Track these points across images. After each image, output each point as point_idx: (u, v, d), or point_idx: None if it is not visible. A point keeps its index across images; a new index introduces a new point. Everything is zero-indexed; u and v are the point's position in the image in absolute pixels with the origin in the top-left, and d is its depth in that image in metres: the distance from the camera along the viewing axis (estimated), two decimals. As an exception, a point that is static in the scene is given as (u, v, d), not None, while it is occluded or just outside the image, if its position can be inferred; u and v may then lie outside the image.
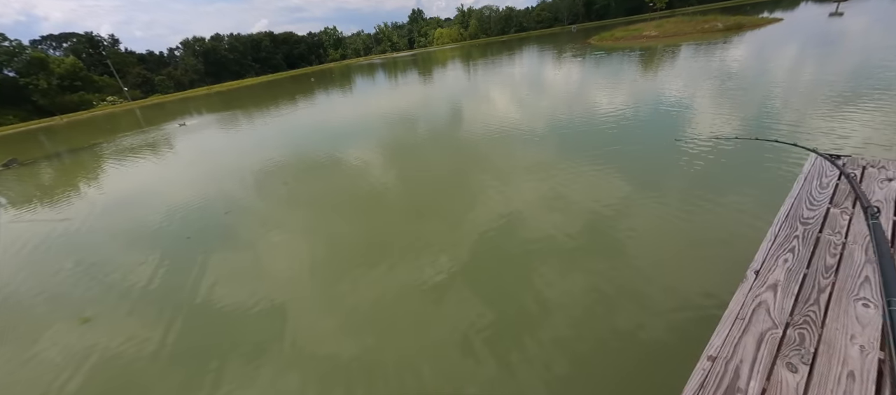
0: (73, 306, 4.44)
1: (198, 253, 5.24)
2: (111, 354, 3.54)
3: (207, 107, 32.10)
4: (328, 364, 3.03)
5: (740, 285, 1.84)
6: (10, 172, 14.88)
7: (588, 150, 6.76)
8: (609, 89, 12.04)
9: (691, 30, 26.59)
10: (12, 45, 52.14)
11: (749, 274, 1.90)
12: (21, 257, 6.17)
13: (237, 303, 3.98)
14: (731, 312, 1.69)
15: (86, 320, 4.12)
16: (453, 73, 27.32)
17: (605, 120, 8.53)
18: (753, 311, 1.67)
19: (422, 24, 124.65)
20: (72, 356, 3.59)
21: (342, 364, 3.01)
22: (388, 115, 13.97)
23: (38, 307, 4.56)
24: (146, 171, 11.44)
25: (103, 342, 3.72)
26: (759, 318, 1.63)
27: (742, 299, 1.74)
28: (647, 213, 4.43)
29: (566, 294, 3.33)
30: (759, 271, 1.91)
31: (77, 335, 3.88)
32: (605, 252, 3.84)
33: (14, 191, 11.59)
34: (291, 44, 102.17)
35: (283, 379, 2.95)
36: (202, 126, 19.82)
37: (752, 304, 1.71)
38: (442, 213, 5.35)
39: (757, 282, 1.84)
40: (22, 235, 7.23)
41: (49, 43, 70.16)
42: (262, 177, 8.50)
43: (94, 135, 23.91)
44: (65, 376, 3.34)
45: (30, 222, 8.11)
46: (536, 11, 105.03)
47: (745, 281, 1.86)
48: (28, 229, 7.61)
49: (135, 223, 6.85)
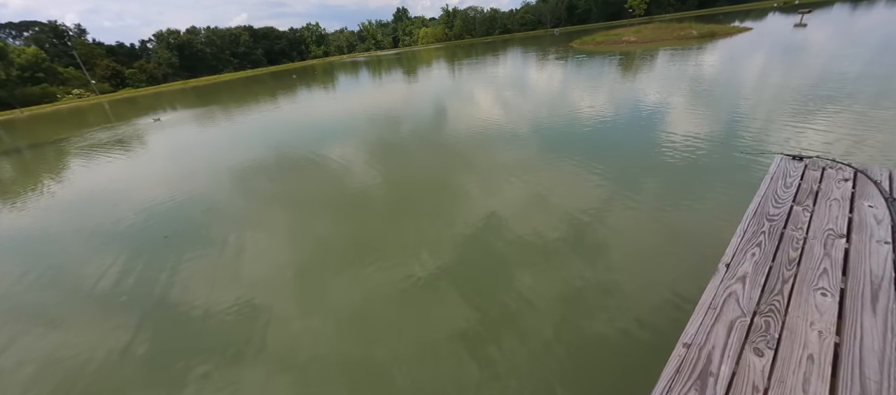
0: (37, 312, 4.22)
1: (174, 253, 5.08)
2: (81, 360, 3.39)
3: (183, 102, 30.92)
4: (307, 367, 3.00)
5: (712, 278, 1.95)
6: (-35, 168, 13.91)
7: (569, 151, 6.93)
8: (590, 92, 12.35)
9: (668, 36, 27.57)
10: (-34, 32, 48.73)
11: (720, 267, 2.02)
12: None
13: (214, 304, 3.88)
14: (704, 302, 1.79)
15: (52, 325, 3.93)
16: (438, 72, 27.34)
17: (586, 122, 8.75)
18: (724, 301, 1.78)
19: (406, 23, 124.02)
20: (37, 362, 3.41)
21: (322, 367, 2.99)
22: (372, 114, 13.86)
23: (1, 311, 4.31)
24: (118, 168, 10.94)
25: (72, 348, 3.56)
26: (729, 307, 1.74)
27: (714, 290, 1.85)
28: (625, 212, 4.59)
29: (547, 293, 3.42)
30: (729, 265, 2.03)
31: (43, 342, 3.70)
32: (585, 250, 3.96)
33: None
34: (272, 39, 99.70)
35: (260, 383, 2.90)
36: (178, 122, 19.10)
37: (723, 295, 1.82)
38: (425, 213, 5.37)
39: (727, 274, 1.95)
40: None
41: (8, 31, 66.00)
42: (241, 175, 8.29)
43: (58, 129, 22.65)
44: (31, 382, 3.17)
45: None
46: (520, 14, 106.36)
47: (717, 274, 1.97)
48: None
49: (105, 222, 6.55)
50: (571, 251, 3.97)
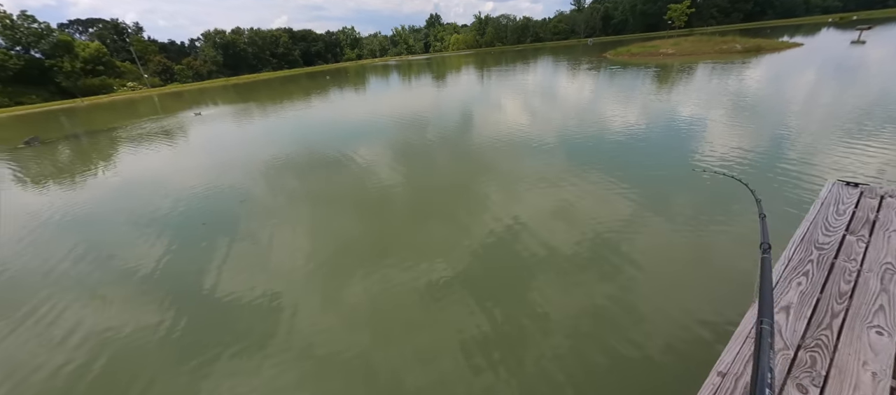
0: (86, 286, 4.55)
1: (209, 240, 5.33)
2: (121, 334, 3.61)
3: (223, 98, 32.66)
4: (325, 359, 3.06)
5: (751, 306, 1.83)
6: (31, 150, 15.29)
7: (597, 164, 6.74)
8: (622, 105, 12.01)
9: (709, 49, 26.43)
10: (41, 27, 53.79)
11: (761, 294, 1.89)
12: (36, 234, 6.34)
13: (241, 292, 4.04)
14: (742, 331, 1.68)
15: (99, 299, 4.21)
16: (466, 78, 27.47)
17: (617, 135, 8.51)
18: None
19: (438, 29, 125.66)
20: (83, 333, 3.67)
21: (339, 360, 3.03)
22: (399, 116, 14.09)
23: (53, 284, 4.67)
24: (162, 157, 11.67)
25: (114, 321, 3.80)
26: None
27: (753, 319, 1.74)
28: (653, 230, 4.40)
29: (568, 308, 3.32)
30: (771, 292, 1.90)
31: (91, 314, 3.97)
32: (609, 267, 3.82)
33: (31, 168, 11.91)
34: (309, 41, 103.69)
35: (280, 371, 2.98)
36: (218, 116, 20.18)
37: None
38: (446, 217, 5.38)
39: (769, 303, 1.82)
40: (37, 211, 7.42)
41: (76, 27, 72.23)
42: (273, 170, 8.63)
43: (112, 119, 24.47)
44: (74, 351, 3.42)
45: (45, 198, 8.32)
46: (553, 23, 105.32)
47: (756, 302, 1.85)
48: (44, 204, 7.81)
49: (148, 207, 6.99)
50: (594, 267, 3.84)
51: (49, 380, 3.11)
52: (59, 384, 3.07)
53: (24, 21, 52.30)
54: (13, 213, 7.52)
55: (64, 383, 3.08)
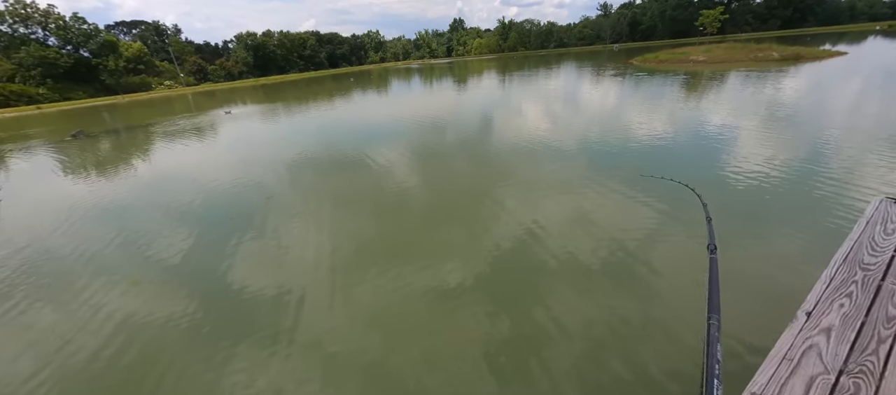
0: (121, 271, 4.79)
1: (234, 233, 5.52)
2: (150, 320, 3.78)
3: (252, 98, 33.90)
4: (336, 356, 3.09)
5: (789, 326, 1.72)
6: (77, 143, 16.31)
7: (619, 171, 6.56)
8: (647, 112, 11.67)
9: (743, 57, 25.36)
10: (89, 28, 57.55)
11: (800, 315, 1.78)
12: (79, 222, 6.74)
13: (261, 286, 4.14)
14: (779, 351, 1.58)
15: (132, 285, 4.43)
16: (488, 82, 27.42)
17: (640, 143, 8.26)
18: (803, 353, 1.56)
19: (461, 33, 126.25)
20: (116, 317, 3.86)
21: (349, 358, 3.05)
22: (419, 119, 14.19)
23: (92, 270, 4.95)
24: (193, 152, 12.21)
25: (144, 308, 3.98)
26: (809, 361, 1.52)
27: (791, 339, 1.63)
28: (678, 243, 4.23)
29: (581, 319, 3.22)
30: (811, 313, 1.78)
31: (124, 299, 4.18)
32: (629, 279, 3.69)
33: (76, 160, 12.70)
34: (335, 44, 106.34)
35: (293, 364, 3.03)
36: (246, 115, 20.94)
37: (801, 346, 1.59)
38: (463, 221, 5.35)
39: (808, 324, 1.71)
40: (80, 200, 7.90)
41: (121, 28, 76.88)
42: (296, 168, 8.85)
43: (150, 115, 25.82)
44: (107, 334, 3.60)
45: (88, 188, 8.85)
46: (578, 28, 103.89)
47: (795, 322, 1.74)
48: (86, 194, 8.30)
49: (181, 200, 7.30)
50: (613, 279, 3.73)
51: (86, 361, 3.28)
52: (93, 364, 3.24)
53: (75, 22, 56.08)
54: (60, 202, 8.03)
55: (98, 364, 3.24)
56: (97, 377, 3.10)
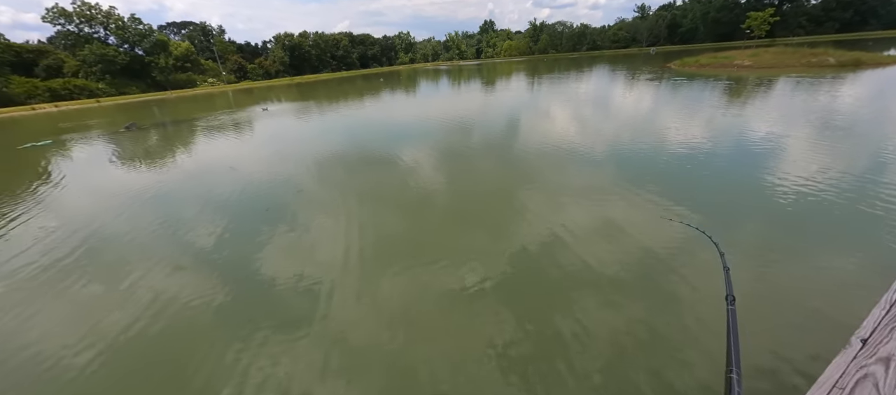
0: (162, 255, 5.12)
1: (267, 224, 5.76)
2: (187, 299, 4.01)
3: (287, 96, 35.31)
4: (356, 348, 3.14)
5: (842, 352, 1.58)
6: (130, 134, 17.62)
7: (650, 180, 6.29)
8: (684, 118, 11.12)
9: (795, 62, 23.66)
10: (144, 28, 62.04)
11: (854, 341, 1.63)
12: (129, 207, 7.26)
13: (289, 276, 4.29)
14: (828, 380, 1.46)
15: (172, 267, 4.72)
16: (516, 85, 27.13)
17: (675, 151, 7.88)
18: (857, 383, 1.42)
19: (491, 35, 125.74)
20: (156, 295, 4.13)
21: (372, 352, 3.10)
22: (445, 120, 14.24)
23: (137, 250, 5.32)
24: (232, 146, 12.86)
25: (182, 289, 4.23)
26: (863, 391, 1.39)
27: (843, 366, 1.50)
28: (713, 258, 3.97)
29: (605, 331, 3.10)
30: (866, 341, 1.63)
31: (164, 280, 4.46)
32: (659, 293, 3.53)
33: (129, 150, 13.71)
34: (367, 45, 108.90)
35: (315, 353, 3.11)
36: (281, 112, 21.84)
37: (855, 374, 1.46)
38: (486, 222, 5.31)
39: (863, 352, 1.57)
40: (131, 187, 8.51)
41: (171, 28, 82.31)
42: (326, 164, 9.12)
43: (194, 110, 27.47)
44: (147, 309, 3.85)
45: (138, 176, 9.53)
46: (613, 30, 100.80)
47: (848, 349, 1.60)
48: (135, 181, 8.94)
49: (220, 190, 7.71)
50: (641, 291, 3.57)
51: (126, 330, 3.54)
52: (132, 335, 3.48)
53: (132, 22, 60.62)
54: (113, 187, 8.70)
55: (137, 335, 3.48)
56: (139, 347, 3.33)
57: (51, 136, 18.87)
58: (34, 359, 3.31)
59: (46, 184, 9.46)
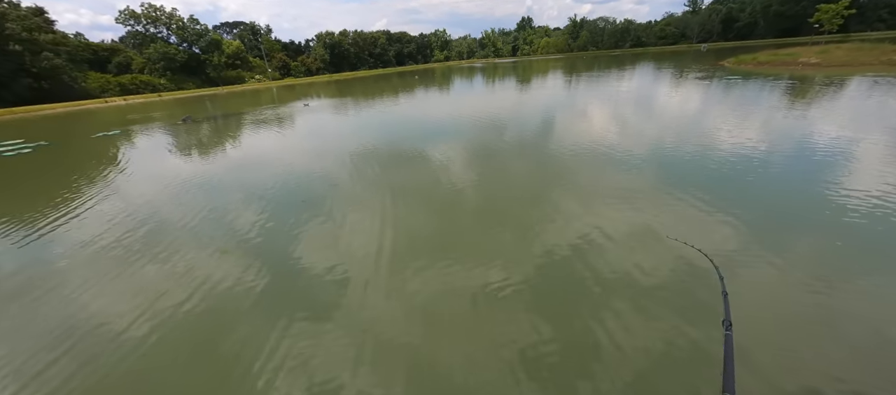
0: (206, 239, 5.54)
1: (303, 215, 6.05)
2: (224, 282, 4.31)
3: (326, 92, 36.70)
4: (382, 341, 3.23)
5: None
6: (185, 126, 19.13)
7: (695, 186, 5.90)
8: (737, 120, 10.31)
9: (871, 60, 21.16)
10: (201, 28, 66.91)
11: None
12: (180, 193, 7.91)
13: (320, 266, 4.49)
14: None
15: (214, 251, 5.10)
16: (551, 82, 26.42)
17: (724, 156, 7.34)
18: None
19: (528, 32, 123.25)
20: (199, 276, 4.48)
21: (395, 345, 3.17)
22: (478, 118, 14.17)
23: (185, 234, 5.80)
24: (274, 140, 13.60)
25: (221, 271, 4.56)
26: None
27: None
28: (762, 274, 3.69)
29: (637, 343, 2.96)
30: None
31: (207, 262, 4.83)
32: (697, 306, 3.32)
33: (184, 141, 14.90)
34: (403, 43, 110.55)
35: (339, 342, 3.24)
36: (320, 108, 22.76)
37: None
38: (516, 223, 5.24)
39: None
40: (182, 175, 9.26)
41: (224, 28, 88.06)
42: (359, 159, 9.41)
43: (241, 105, 29.29)
44: (191, 288, 4.19)
45: (191, 165, 10.35)
46: (660, 26, 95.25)
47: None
48: (188, 170, 9.71)
49: (261, 181, 8.20)
50: (678, 303, 3.37)
51: (172, 308, 3.87)
52: (183, 312, 3.80)
53: (191, 23, 65.58)
54: (170, 174, 9.51)
55: (187, 312, 3.80)
56: (188, 323, 3.64)
57: (119, 126, 20.90)
58: (102, 327, 3.71)
59: (115, 169, 10.51)
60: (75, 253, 5.38)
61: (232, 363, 3.11)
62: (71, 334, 3.64)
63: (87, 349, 3.42)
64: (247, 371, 3.00)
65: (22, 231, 6.32)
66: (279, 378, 2.91)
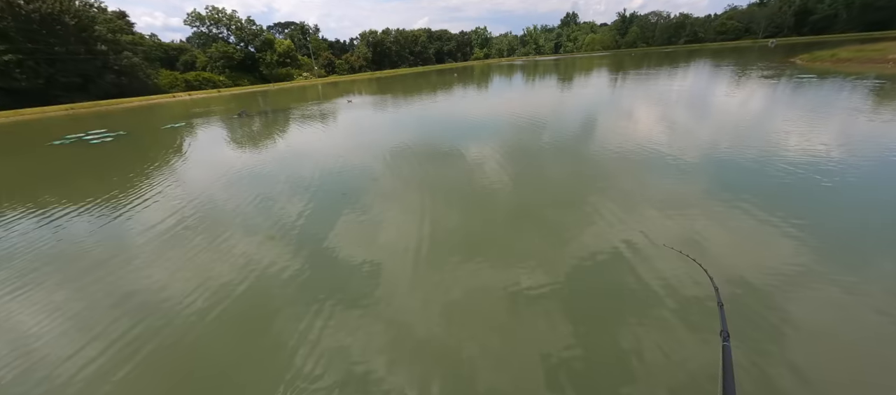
0: (252, 225, 5.94)
1: (342, 207, 6.32)
2: (266, 266, 4.61)
3: (367, 89, 37.86)
4: (409, 333, 3.29)
5: None
6: (240, 120, 20.61)
7: (753, 195, 5.40)
8: (807, 125, 9.28)
9: None
10: (257, 28, 71.65)
11: None
12: (234, 181, 8.54)
13: (354, 257, 4.65)
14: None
15: (259, 237, 5.46)
16: (596, 81, 25.31)
17: (789, 163, 6.65)
18: None
19: (573, 29, 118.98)
20: (245, 260, 4.82)
21: (421, 338, 3.22)
22: (515, 117, 13.92)
23: (236, 219, 6.26)
24: (318, 134, 14.28)
25: (264, 256, 4.87)
26: None
27: None
28: (826, 298, 3.30)
29: (680, 363, 2.78)
30: None
31: (253, 247, 5.19)
32: (752, 328, 3.04)
33: (238, 133, 16.05)
34: (443, 40, 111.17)
35: (368, 333, 3.34)
36: (362, 105, 23.54)
37: None
38: (548, 227, 5.09)
39: None
40: (236, 164, 9.99)
41: (277, 28, 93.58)
42: (397, 155, 9.62)
43: (289, 101, 31.02)
44: (237, 270, 4.52)
45: (243, 155, 11.14)
46: (721, 20, 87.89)
47: None
48: (240, 159, 10.47)
49: (305, 173, 8.65)
50: (729, 323, 3.12)
51: (221, 286, 4.20)
52: (222, 291, 4.12)
53: (248, 24, 70.43)
54: (225, 163, 10.31)
55: (234, 293, 4.11)
56: (236, 303, 3.94)
57: (184, 119, 22.94)
58: (167, 301, 4.13)
59: (179, 158, 11.58)
60: (145, 232, 6.00)
61: (276, 344, 3.33)
62: (144, 305, 4.07)
63: (157, 320, 3.81)
64: (289, 351, 3.20)
65: (104, 210, 7.17)
66: (316, 361, 3.07)
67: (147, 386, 3.02)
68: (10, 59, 36.96)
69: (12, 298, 4.35)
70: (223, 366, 3.18)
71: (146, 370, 3.18)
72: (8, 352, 3.47)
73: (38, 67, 39.34)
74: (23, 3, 37.72)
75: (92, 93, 44.51)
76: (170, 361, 3.26)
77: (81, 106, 38.62)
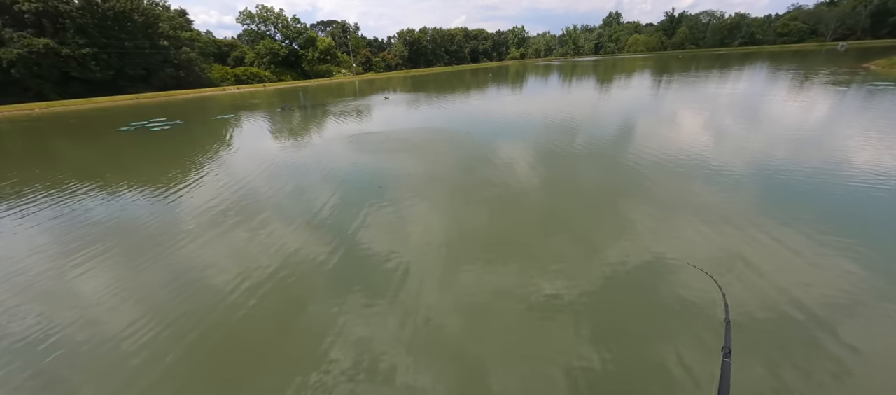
0: (288, 213, 6.27)
1: (374, 201, 6.52)
2: (299, 254, 4.86)
3: (402, 87, 38.50)
4: (428, 331, 3.35)
5: None
6: (283, 113, 21.71)
7: (807, 211, 4.99)
8: (876, 137, 8.39)
9: None
10: (301, 26, 74.97)
11: None
12: (273, 170, 9.04)
13: (383, 251, 4.79)
14: None
15: (293, 225, 5.76)
16: (637, 84, 24.19)
17: (850, 177, 6.06)
18: None
19: (616, 29, 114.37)
20: (280, 247, 5.10)
21: (440, 337, 3.27)
22: (549, 119, 13.64)
23: (272, 206, 6.63)
24: (354, 128, 14.75)
25: (296, 244, 5.14)
26: None
27: None
28: (889, 323, 3.00)
29: (706, 377, 2.64)
30: None
31: (287, 234, 5.48)
32: (801, 354, 2.83)
33: (279, 125, 16.92)
34: (479, 40, 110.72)
35: (391, 326, 3.44)
36: (397, 102, 24.01)
37: None
38: (577, 234, 4.97)
39: None
40: (276, 155, 10.55)
41: (319, 26, 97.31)
42: (429, 154, 9.76)
43: (328, 97, 32.21)
44: (272, 257, 4.79)
45: (284, 147, 11.75)
46: (782, 21, 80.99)
47: None
48: (280, 150, 11.05)
49: (340, 166, 8.99)
50: (774, 348, 2.92)
51: (259, 271, 4.48)
52: (261, 278, 4.39)
53: (293, 22, 73.84)
54: (267, 154, 10.93)
55: (269, 278, 4.38)
56: (271, 288, 4.20)
57: (232, 111, 24.47)
58: (210, 282, 4.48)
59: (226, 148, 12.41)
60: (194, 216, 6.51)
61: (312, 330, 3.53)
62: (191, 285, 4.45)
63: (203, 302, 4.15)
64: (318, 339, 3.38)
65: (159, 191, 7.84)
66: (343, 349, 3.22)
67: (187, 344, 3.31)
68: (87, 53, 41.18)
69: (83, 269, 4.89)
70: (265, 346, 3.41)
71: (193, 345, 3.48)
72: (75, 318, 3.92)
73: (109, 60, 43.52)
74: (100, 2, 41.81)
75: (153, 84, 48.56)
76: (213, 342, 3.55)
77: (144, 96, 42.33)
